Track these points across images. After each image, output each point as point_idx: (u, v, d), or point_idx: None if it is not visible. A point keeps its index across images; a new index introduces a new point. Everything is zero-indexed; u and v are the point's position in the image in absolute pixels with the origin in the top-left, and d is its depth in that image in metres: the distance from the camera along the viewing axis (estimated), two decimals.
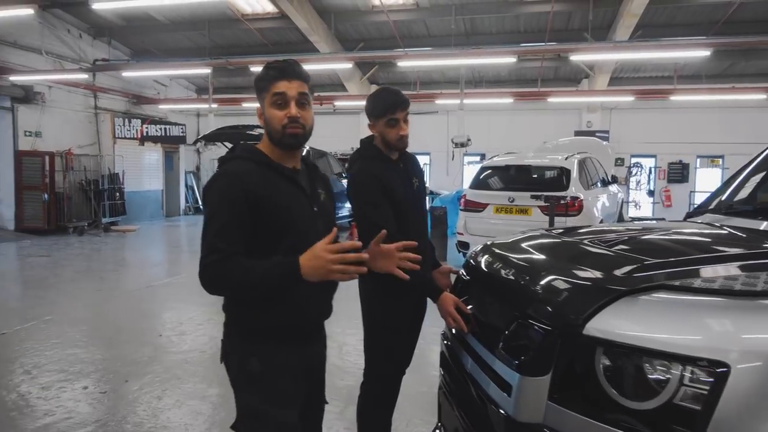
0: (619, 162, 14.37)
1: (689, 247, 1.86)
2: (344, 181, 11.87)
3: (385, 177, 2.08)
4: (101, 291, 6.14)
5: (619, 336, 1.29)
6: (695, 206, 2.89)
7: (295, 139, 1.58)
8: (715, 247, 1.85)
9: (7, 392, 3.30)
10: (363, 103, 10.48)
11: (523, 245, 2.11)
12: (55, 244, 9.62)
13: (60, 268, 7.44)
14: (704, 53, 9.68)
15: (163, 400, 3.21)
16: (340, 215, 11.50)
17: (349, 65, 12.54)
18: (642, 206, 15.37)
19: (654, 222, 3.06)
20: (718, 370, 1.13)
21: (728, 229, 2.04)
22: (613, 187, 9.28)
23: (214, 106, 13.72)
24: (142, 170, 13.95)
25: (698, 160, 15.05)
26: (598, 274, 1.50)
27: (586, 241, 1.94)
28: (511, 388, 1.50)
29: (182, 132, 15.09)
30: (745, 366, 1.12)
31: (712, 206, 2.60)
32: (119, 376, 3.56)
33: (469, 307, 1.95)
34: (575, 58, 11.12)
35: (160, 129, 14.33)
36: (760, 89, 12.43)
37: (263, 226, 1.52)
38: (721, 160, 14.86)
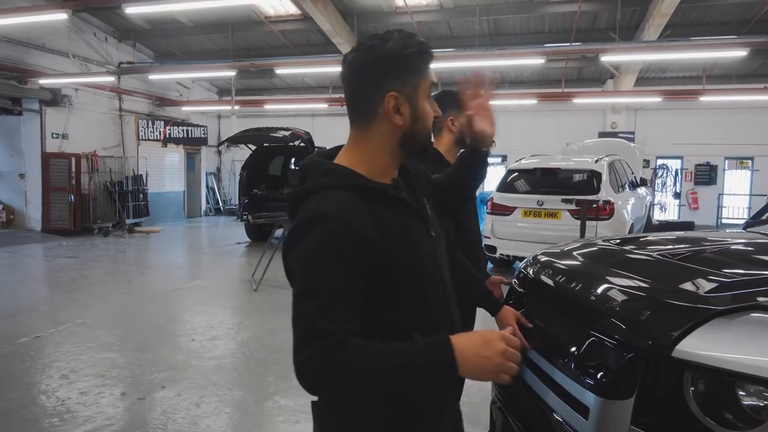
0: (645, 164, 14.11)
1: None
2: None
3: None
4: (130, 294, 6.17)
5: (715, 360, 1.21)
6: (751, 215, 2.77)
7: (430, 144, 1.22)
8: None
9: (47, 397, 3.31)
10: None
11: (586, 257, 2.02)
12: (81, 245, 9.74)
13: (88, 270, 7.51)
14: (741, 53, 9.43)
15: (201, 407, 3.19)
16: None
17: None
18: (668, 209, 15.07)
19: (715, 233, 2.94)
20: None
21: None
22: (642, 190, 9.10)
23: (236, 107, 13.79)
24: (164, 171, 14.08)
25: (726, 161, 14.69)
26: (686, 292, 1.42)
27: (655, 255, 1.85)
28: (588, 410, 1.43)
29: (204, 134, 15.21)
30: None
31: None
32: (156, 382, 3.55)
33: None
34: (605, 58, 10.93)
35: (183, 131, 14.46)
36: None
37: (380, 282, 1.03)
38: (750, 161, 14.49)
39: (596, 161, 7.42)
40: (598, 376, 1.43)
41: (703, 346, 1.24)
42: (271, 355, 4.12)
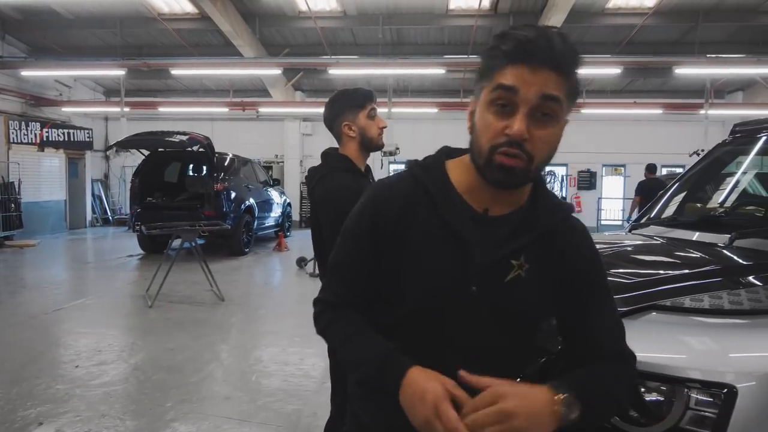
0: None
1: (662, 264, 1.91)
2: (271, 191, 11.50)
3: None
4: (0, 318, 5.42)
5: None
6: (633, 218, 3.02)
7: (506, 175, 0.91)
8: (684, 263, 1.90)
9: None
10: (288, 109, 10.41)
11: None
12: None
13: None
14: (616, 71, 10.44)
15: None
16: (265, 225, 11.14)
17: (277, 71, 12.22)
18: None
19: (605, 235, 3.18)
20: (726, 393, 1.13)
21: (685, 244, 2.12)
22: None
23: (127, 109, 12.79)
24: (41, 178, 12.67)
25: (604, 168, 16.24)
26: None
27: None
28: None
29: (88, 137, 13.94)
30: (751, 386, 1.13)
31: (655, 218, 2.73)
32: (31, 418, 3.12)
33: None
34: None
35: (63, 133, 13.13)
36: (657, 104, 13.66)
37: (385, 278, 1.03)
38: (623, 168, 16.13)
39: None
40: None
41: None
42: (170, 377, 3.81)
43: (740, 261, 1.79)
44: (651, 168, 9.27)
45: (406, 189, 1.02)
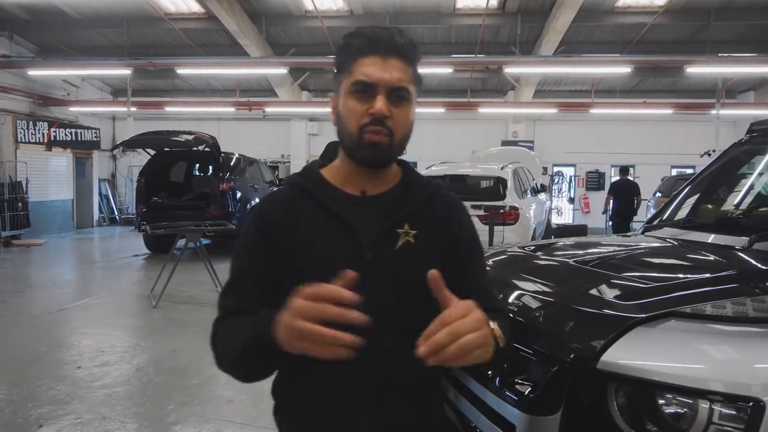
0: (543, 171, 15.05)
1: (679, 268, 1.83)
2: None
3: None
4: (4, 318, 5.41)
5: (637, 370, 1.19)
6: (647, 219, 2.94)
7: (374, 151, 1.01)
8: (702, 267, 1.82)
9: None
10: (294, 109, 10.35)
11: (500, 265, 2.00)
12: None
13: None
14: (625, 70, 10.32)
15: None
16: None
17: (283, 71, 12.19)
18: (563, 213, 16.17)
19: (619, 237, 3.09)
20: (753, 407, 1.06)
21: (702, 246, 2.04)
22: (542, 196, 9.64)
23: (133, 109, 12.81)
24: (48, 178, 12.72)
25: (612, 169, 16.07)
26: (606, 301, 1.41)
27: (571, 262, 1.86)
28: (515, 428, 1.37)
29: (96, 137, 13.97)
30: None
31: (668, 220, 2.65)
32: (31, 420, 3.08)
33: None
34: (508, 70, 11.51)
35: (71, 133, 13.17)
36: (667, 104, 13.50)
37: (287, 276, 1.02)
38: (632, 169, 15.95)
39: (502, 168, 7.73)
40: (523, 391, 1.39)
41: (625, 356, 1.22)
42: (171, 379, 3.76)
43: (762, 265, 1.71)
44: (624, 170, 10.42)
45: (285, 195, 1.11)
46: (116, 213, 15.96)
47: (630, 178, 10.75)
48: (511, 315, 1.19)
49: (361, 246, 1.03)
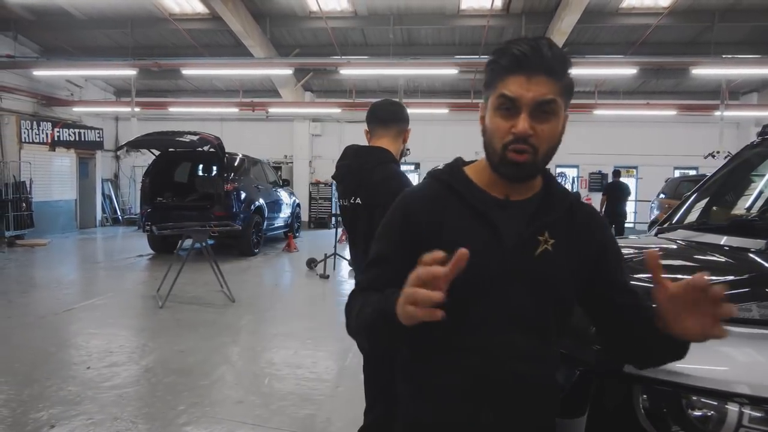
0: None
1: (700, 271, 1.82)
2: (281, 192, 11.47)
3: None
4: (11, 318, 5.42)
5: (665, 373, 1.20)
6: (651, 220, 2.94)
7: (517, 170, 1.05)
8: (724, 269, 1.82)
9: None
10: (297, 110, 10.42)
11: None
12: None
13: None
14: (631, 71, 10.31)
15: None
16: (274, 226, 11.11)
17: (288, 71, 12.20)
18: None
19: (634, 239, 3.09)
20: None
21: (718, 249, 2.04)
22: None
23: (137, 110, 12.83)
24: (52, 178, 12.72)
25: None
26: None
27: None
28: None
29: (99, 137, 13.98)
30: None
31: (681, 222, 2.64)
32: (43, 420, 3.08)
33: None
34: None
35: (74, 133, 13.18)
36: (671, 106, 13.49)
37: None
38: (635, 170, 15.95)
39: None
40: None
41: None
42: (181, 380, 3.76)
43: None
44: (617, 173, 11.34)
45: (432, 190, 1.16)
46: (119, 213, 15.98)
47: (622, 180, 11.49)
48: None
49: (504, 248, 1.07)
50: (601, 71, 11.25)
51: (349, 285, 7.39)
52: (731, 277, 1.62)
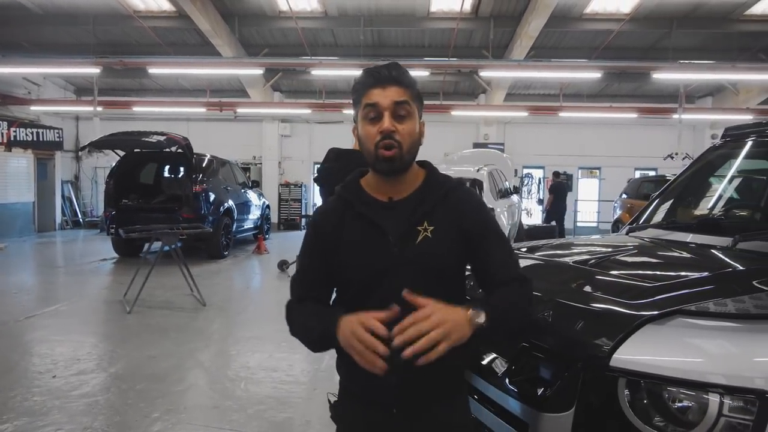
0: (514, 173, 15.33)
1: (675, 268, 1.90)
2: (250, 193, 11.31)
3: None
4: None
5: (648, 366, 1.24)
6: (622, 220, 3.04)
7: (389, 163, 1.27)
8: (698, 266, 1.90)
9: None
10: (266, 110, 10.31)
11: None
12: None
13: None
14: (596, 75, 10.60)
15: None
16: (244, 228, 10.94)
17: (258, 71, 12.04)
18: (533, 214, 16.48)
19: (607, 238, 3.18)
20: (762, 399, 1.11)
21: (688, 246, 2.13)
22: (515, 197, 9.81)
23: (99, 109, 12.43)
24: (7, 179, 12.19)
25: (580, 171, 16.50)
26: (616, 301, 1.45)
27: (570, 262, 1.92)
28: (527, 426, 1.41)
29: (58, 137, 13.49)
30: None
31: (650, 221, 2.74)
32: None
33: None
34: (483, 74, 11.69)
35: (32, 133, 12.68)
36: (632, 109, 13.95)
37: (337, 269, 1.34)
38: (599, 171, 16.42)
39: (477, 170, 7.83)
40: (536, 390, 1.42)
41: (636, 353, 1.27)
42: (154, 386, 3.67)
43: (750, 263, 1.80)
44: (556, 174, 13.21)
45: (332, 206, 1.39)
46: (80, 216, 15.44)
47: (562, 180, 13.35)
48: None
49: (389, 243, 1.28)
50: (567, 75, 11.55)
51: None
52: (706, 274, 1.69)
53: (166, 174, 10.50)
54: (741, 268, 1.77)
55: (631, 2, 10.05)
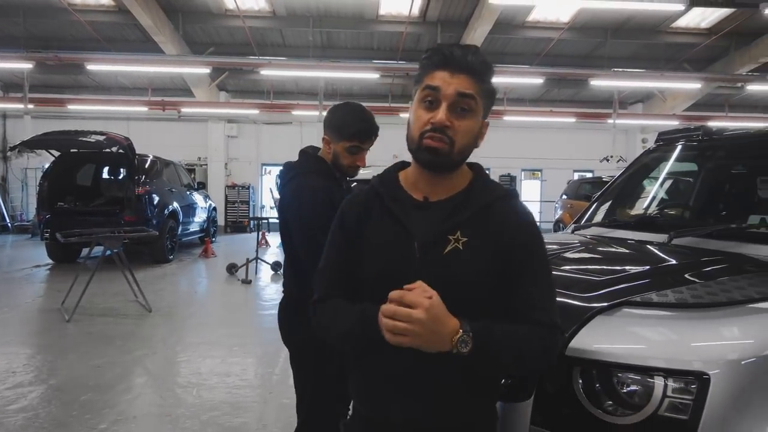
0: None
1: (619, 262, 2.03)
2: (195, 195, 10.99)
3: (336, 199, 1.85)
4: None
5: (598, 354, 1.33)
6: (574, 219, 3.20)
7: (433, 155, 1.11)
8: (638, 261, 2.03)
9: None
10: (212, 110, 10.17)
11: None
12: None
13: None
14: (539, 81, 11.00)
15: None
16: (189, 231, 10.63)
17: (205, 70, 11.70)
18: None
19: (554, 235, 3.33)
20: (701, 380, 1.23)
21: (630, 243, 2.28)
22: None
23: (30, 106, 11.70)
24: None
25: (523, 173, 17.12)
26: (569, 294, 1.55)
27: None
28: None
29: None
30: (722, 373, 1.23)
31: (593, 220, 2.91)
32: None
33: None
34: None
35: None
36: (570, 113, 14.60)
37: (358, 266, 1.20)
38: (540, 173, 17.09)
39: None
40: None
41: (589, 342, 1.36)
42: (99, 396, 3.51)
43: (685, 258, 1.95)
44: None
45: (364, 196, 1.25)
46: (8, 220, 14.45)
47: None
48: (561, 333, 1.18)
49: (413, 248, 1.13)
50: (511, 80, 11.94)
51: (271, 289, 7.26)
52: (641, 268, 1.83)
53: (106, 175, 10.03)
54: (676, 262, 1.92)
55: (570, 12, 10.55)
